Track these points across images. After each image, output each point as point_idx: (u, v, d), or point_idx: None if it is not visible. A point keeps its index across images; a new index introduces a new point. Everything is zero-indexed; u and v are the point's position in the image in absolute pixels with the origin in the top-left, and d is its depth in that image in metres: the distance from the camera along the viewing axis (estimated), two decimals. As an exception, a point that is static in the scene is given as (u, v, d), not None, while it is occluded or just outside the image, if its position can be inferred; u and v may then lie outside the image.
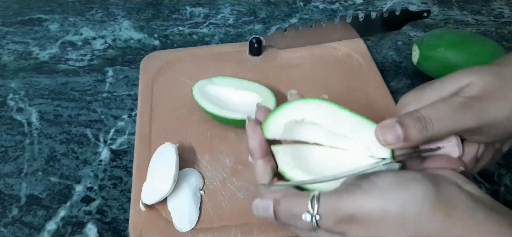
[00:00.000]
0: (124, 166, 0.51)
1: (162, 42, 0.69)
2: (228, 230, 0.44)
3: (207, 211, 0.45)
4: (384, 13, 0.64)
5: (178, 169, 0.45)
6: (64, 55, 0.67)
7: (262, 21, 0.73)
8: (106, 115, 0.57)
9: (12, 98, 0.60)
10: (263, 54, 0.63)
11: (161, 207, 0.45)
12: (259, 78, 0.60)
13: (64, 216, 0.47)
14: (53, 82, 0.62)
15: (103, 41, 0.69)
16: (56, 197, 0.49)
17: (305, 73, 0.60)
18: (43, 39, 0.69)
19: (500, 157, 0.39)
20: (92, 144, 0.54)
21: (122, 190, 0.49)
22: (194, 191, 0.46)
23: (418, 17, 0.65)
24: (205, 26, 0.72)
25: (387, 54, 0.66)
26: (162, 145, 0.48)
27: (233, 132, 0.52)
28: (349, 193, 0.31)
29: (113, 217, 0.47)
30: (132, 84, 0.61)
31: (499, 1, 0.77)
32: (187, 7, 0.76)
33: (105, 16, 0.74)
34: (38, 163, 0.52)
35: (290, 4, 0.77)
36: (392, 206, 0.29)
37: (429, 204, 0.29)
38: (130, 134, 0.55)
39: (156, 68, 0.60)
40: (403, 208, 0.29)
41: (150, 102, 0.56)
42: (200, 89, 0.53)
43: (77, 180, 0.50)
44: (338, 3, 0.77)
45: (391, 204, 0.29)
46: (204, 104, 0.51)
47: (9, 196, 0.49)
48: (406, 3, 0.77)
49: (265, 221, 0.43)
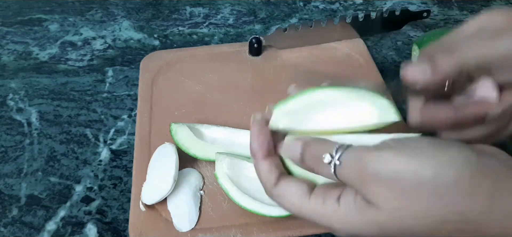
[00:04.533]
0: (124, 166, 0.51)
1: (162, 42, 0.69)
2: (228, 230, 0.44)
3: (207, 211, 0.45)
4: (384, 13, 0.64)
5: (178, 169, 0.45)
6: (64, 55, 0.66)
7: (262, 21, 0.73)
8: (106, 115, 0.57)
9: (12, 98, 0.60)
10: (263, 54, 0.63)
11: (161, 207, 0.45)
12: (259, 78, 0.60)
13: (64, 216, 0.47)
14: (53, 82, 0.62)
15: (103, 41, 0.69)
16: (56, 197, 0.49)
17: (305, 73, 0.60)
18: (43, 39, 0.69)
19: None
20: (92, 144, 0.54)
21: (122, 190, 0.49)
22: (194, 191, 0.46)
23: (418, 17, 0.66)
24: (205, 26, 0.72)
25: (387, 54, 0.66)
26: (162, 145, 0.48)
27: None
28: (378, 149, 0.27)
29: (113, 217, 0.47)
30: (132, 84, 0.61)
31: (498, 1, 0.77)
32: (187, 7, 0.76)
33: (105, 16, 0.74)
34: (38, 163, 0.52)
35: (290, 4, 0.77)
36: (425, 170, 0.25)
37: (470, 171, 0.25)
38: (130, 134, 0.55)
39: (156, 68, 0.60)
40: (438, 173, 0.24)
41: (150, 102, 0.56)
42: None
43: (77, 180, 0.50)
44: (338, 3, 0.77)
45: (425, 167, 0.25)
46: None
47: (9, 196, 0.49)
48: (406, 3, 0.77)
49: (264, 221, 0.44)
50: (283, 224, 0.44)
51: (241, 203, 0.43)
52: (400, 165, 0.25)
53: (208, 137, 0.50)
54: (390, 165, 0.26)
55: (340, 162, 0.28)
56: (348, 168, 0.28)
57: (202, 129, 0.50)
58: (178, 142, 0.48)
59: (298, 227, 0.43)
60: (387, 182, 0.26)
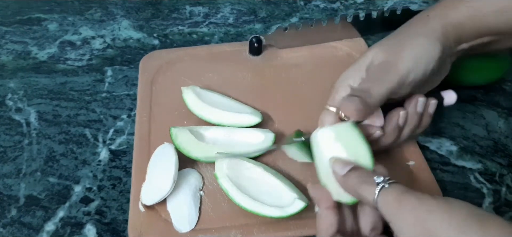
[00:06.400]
0: (123, 167, 0.51)
1: (161, 42, 0.69)
2: (228, 230, 0.43)
3: (207, 211, 0.45)
4: (385, 12, 0.63)
5: (178, 169, 0.45)
6: (63, 54, 0.66)
7: (262, 21, 0.73)
8: (105, 115, 0.57)
9: (10, 98, 0.59)
10: (263, 54, 0.63)
11: (160, 207, 0.45)
12: (259, 78, 0.59)
13: (63, 216, 0.47)
14: (51, 82, 0.62)
15: (102, 40, 0.69)
16: (55, 198, 0.48)
17: (305, 73, 0.60)
18: (42, 39, 0.69)
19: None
20: (91, 144, 0.53)
21: (121, 190, 0.49)
22: (193, 192, 0.46)
23: (419, 16, 0.65)
24: (204, 25, 0.72)
25: (388, 54, 0.66)
26: (161, 145, 0.47)
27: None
28: (429, 208, 0.30)
29: (112, 217, 0.47)
30: (131, 83, 0.61)
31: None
32: (186, 6, 0.75)
33: (104, 16, 0.73)
34: (37, 163, 0.52)
35: (291, 3, 0.76)
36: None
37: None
38: (129, 134, 0.55)
39: (155, 68, 0.60)
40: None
41: (149, 102, 0.55)
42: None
43: (76, 181, 0.50)
44: (338, 2, 0.77)
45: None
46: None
47: (8, 196, 0.48)
48: (407, 2, 0.76)
49: (264, 222, 0.43)
50: (283, 224, 0.43)
51: (241, 203, 0.43)
52: (448, 228, 0.28)
53: (208, 139, 0.50)
54: (438, 222, 0.29)
55: (389, 186, 0.32)
56: (392, 195, 0.32)
57: (202, 130, 0.50)
58: (179, 146, 0.48)
59: (298, 228, 0.43)
60: (427, 233, 0.29)
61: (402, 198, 0.31)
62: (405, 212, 0.30)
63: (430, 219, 0.29)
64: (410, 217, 0.30)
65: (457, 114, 0.56)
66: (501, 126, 0.55)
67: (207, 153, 0.48)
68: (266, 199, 0.43)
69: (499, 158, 0.52)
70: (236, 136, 0.50)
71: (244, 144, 0.50)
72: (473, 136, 0.54)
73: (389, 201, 0.32)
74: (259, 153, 0.48)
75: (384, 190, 0.32)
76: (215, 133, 0.50)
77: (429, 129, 0.48)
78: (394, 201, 0.31)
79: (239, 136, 0.50)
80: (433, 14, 0.44)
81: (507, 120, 0.56)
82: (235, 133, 0.50)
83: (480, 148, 0.53)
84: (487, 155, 0.52)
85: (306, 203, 0.42)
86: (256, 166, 0.46)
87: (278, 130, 0.52)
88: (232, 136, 0.50)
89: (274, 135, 0.49)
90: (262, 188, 0.45)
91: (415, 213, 0.30)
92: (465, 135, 0.54)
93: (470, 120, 0.56)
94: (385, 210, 0.32)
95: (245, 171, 0.46)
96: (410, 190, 0.31)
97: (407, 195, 0.31)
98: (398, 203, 0.31)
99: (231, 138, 0.50)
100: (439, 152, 0.52)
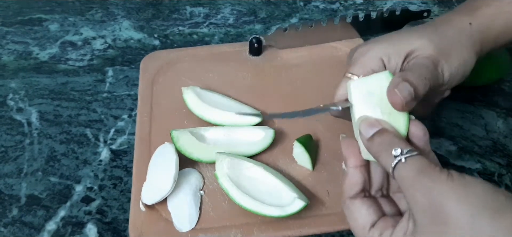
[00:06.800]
0: (124, 166, 0.51)
1: (162, 42, 0.69)
2: (228, 230, 0.44)
3: (207, 211, 0.45)
4: (384, 13, 0.64)
5: (178, 169, 0.45)
6: (64, 55, 0.66)
7: (262, 21, 0.73)
8: (106, 115, 0.57)
9: (12, 98, 0.60)
10: (263, 54, 0.63)
11: (161, 207, 0.45)
12: (259, 78, 0.60)
13: (64, 216, 0.47)
14: (53, 82, 0.62)
15: (103, 41, 0.69)
16: (56, 197, 0.49)
17: (305, 73, 0.60)
18: (43, 39, 0.69)
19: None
20: (92, 144, 0.54)
21: (122, 190, 0.49)
22: (194, 191, 0.46)
23: (418, 17, 0.65)
24: (205, 26, 0.72)
25: (387, 54, 0.66)
26: (162, 145, 0.48)
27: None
28: (444, 181, 0.29)
29: (113, 217, 0.47)
30: (132, 84, 0.61)
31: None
32: (187, 7, 0.76)
33: (105, 16, 0.74)
34: (38, 163, 0.52)
35: (290, 4, 0.77)
36: (483, 231, 0.27)
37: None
38: (130, 134, 0.55)
39: (156, 68, 0.60)
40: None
41: (150, 102, 0.56)
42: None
43: (77, 180, 0.50)
44: (338, 3, 0.77)
45: (483, 228, 0.27)
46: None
47: (9, 196, 0.49)
48: (406, 3, 0.76)
49: (264, 221, 0.44)
50: (283, 224, 0.43)
51: (242, 203, 0.43)
52: (460, 213, 0.28)
53: (209, 139, 0.50)
54: (450, 208, 0.28)
55: (405, 160, 0.31)
56: (407, 172, 0.31)
57: (202, 131, 0.50)
58: (180, 148, 0.48)
59: (298, 227, 0.43)
60: (438, 217, 0.28)
61: (417, 179, 0.30)
62: (419, 194, 0.30)
63: (443, 205, 0.28)
64: (422, 200, 0.29)
65: (456, 114, 0.57)
66: (500, 126, 0.55)
67: (208, 154, 0.48)
68: (266, 198, 0.44)
69: (498, 158, 0.52)
70: (237, 135, 0.51)
71: (244, 142, 0.50)
72: (472, 136, 0.54)
73: (404, 177, 0.31)
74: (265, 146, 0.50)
75: (400, 164, 0.31)
76: (216, 133, 0.50)
77: (428, 129, 0.48)
78: (408, 179, 0.30)
79: (239, 135, 0.51)
80: (476, 26, 0.43)
81: (506, 120, 0.56)
82: (235, 132, 0.51)
83: (479, 148, 0.53)
84: (486, 155, 0.52)
85: (306, 203, 0.42)
86: (256, 165, 0.46)
87: (278, 130, 0.52)
88: (233, 135, 0.51)
89: (274, 132, 0.50)
90: (262, 188, 0.45)
91: (428, 197, 0.29)
92: (464, 135, 0.54)
93: (469, 120, 0.56)
94: (400, 183, 0.31)
95: (245, 171, 0.46)
96: (426, 169, 0.30)
97: (422, 176, 0.30)
98: (412, 182, 0.30)
99: (232, 137, 0.50)
100: (438, 152, 0.53)
